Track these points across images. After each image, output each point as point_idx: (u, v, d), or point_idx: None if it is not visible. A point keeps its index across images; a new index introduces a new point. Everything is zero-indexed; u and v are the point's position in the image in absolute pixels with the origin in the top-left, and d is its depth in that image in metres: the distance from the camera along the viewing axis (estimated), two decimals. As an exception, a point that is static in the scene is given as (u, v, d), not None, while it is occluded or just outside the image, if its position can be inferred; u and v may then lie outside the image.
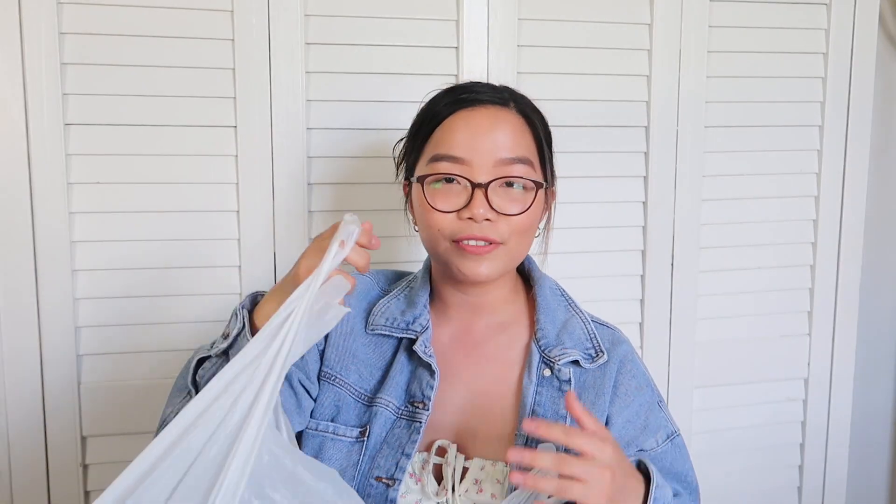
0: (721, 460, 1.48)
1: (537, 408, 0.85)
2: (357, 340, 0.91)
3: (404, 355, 0.89)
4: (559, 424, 0.73)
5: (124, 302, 1.21)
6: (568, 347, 0.88)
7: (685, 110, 1.36)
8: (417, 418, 0.85)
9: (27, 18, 1.12)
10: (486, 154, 0.82)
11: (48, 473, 1.20)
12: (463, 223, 0.82)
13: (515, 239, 0.84)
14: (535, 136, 0.87)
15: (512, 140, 0.84)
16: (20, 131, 1.13)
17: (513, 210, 0.83)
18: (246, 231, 1.23)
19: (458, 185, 0.83)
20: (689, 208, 1.39)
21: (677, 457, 0.91)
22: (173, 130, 1.19)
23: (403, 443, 0.84)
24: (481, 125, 0.83)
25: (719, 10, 1.36)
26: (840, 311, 1.50)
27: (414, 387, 0.87)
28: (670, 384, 1.42)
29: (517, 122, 0.86)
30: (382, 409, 0.86)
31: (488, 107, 0.85)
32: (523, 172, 0.83)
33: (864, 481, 1.65)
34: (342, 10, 1.22)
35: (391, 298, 0.93)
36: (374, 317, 0.91)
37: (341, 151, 1.25)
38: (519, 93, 0.91)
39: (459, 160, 0.82)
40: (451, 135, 0.84)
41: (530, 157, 0.85)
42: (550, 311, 0.92)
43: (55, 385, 1.19)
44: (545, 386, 0.87)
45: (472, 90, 0.87)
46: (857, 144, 1.45)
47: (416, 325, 0.89)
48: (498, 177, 0.82)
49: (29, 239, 1.15)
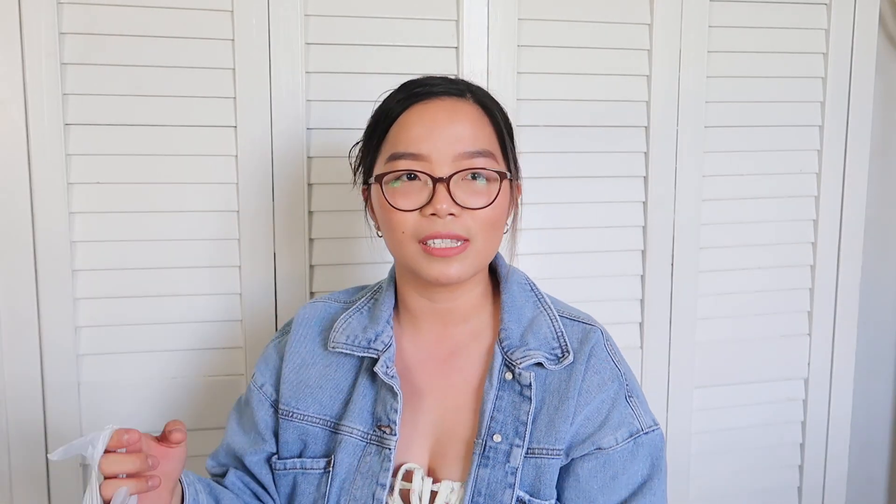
0: (721, 460, 1.48)
1: (496, 413, 0.81)
2: (313, 369, 0.87)
3: (366, 377, 0.85)
4: None
5: (124, 302, 1.21)
6: (532, 348, 0.83)
7: (685, 110, 1.36)
8: (386, 444, 0.82)
9: (27, 18, 1.12)
10: (446, 147, 0.78)
11: (48, 473, 1.20)
12: (427, 221, 0.78)
13: (483, 234, 0.80)
14: (495, 128, 0.83)
15: (471, 132, 0.80)
16: (20, 131, 1.13)
17: (478, 203, 0.79)
18: (246, 231, 1.23)
19: (419, 182, 0.79)
20: (689, 208, 1.39)
21: (632, 460, 0.83)
22: (173, 130, 1.19)
23: (376, 472, 0.81)
24: (438, 118, 0.80)
25: (719, 10, 1.36)
26: (840, 311, 1.50)
27: (379, 409, 0.83)
28: (670, 384, 1.42)
29: (475, 113, 0.82)
30: (346, 437, 0.84)
31: (444, 99, 0.81)
32: (486, 164, 0.80)
33: (864, 481, 1.65)
34: (342, 10, 1.22)
35: (353, 312, 0.88)
36: (335, 333, 0.86)
37: (341, 151, 1.25)
38: (476, 84, 0.86)
39: (418, 156, 0.79)
40: (408, 130, 0.80)
41: (491, 148, 0.81)
42: (516, 310, 0.87)
43: (55, 385, 1.19)
44: (506, 390, 0.82)
45: (426, 84, 0.83)
46: (857, 144, 1.45)
47: (377, 343, 0.84)
48: (459, 170, 0.78)
49: (29, 239, 1.15)
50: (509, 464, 0.80)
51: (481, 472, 0.80)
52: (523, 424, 0.81)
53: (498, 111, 0.85)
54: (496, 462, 0.80)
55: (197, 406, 1.25)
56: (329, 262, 1.27)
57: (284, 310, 1.25)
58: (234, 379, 1.26)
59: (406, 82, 0.85)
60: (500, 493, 0.79)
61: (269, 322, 1.25)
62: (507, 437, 0.80)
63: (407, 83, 0.85)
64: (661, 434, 0.87)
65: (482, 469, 0.80)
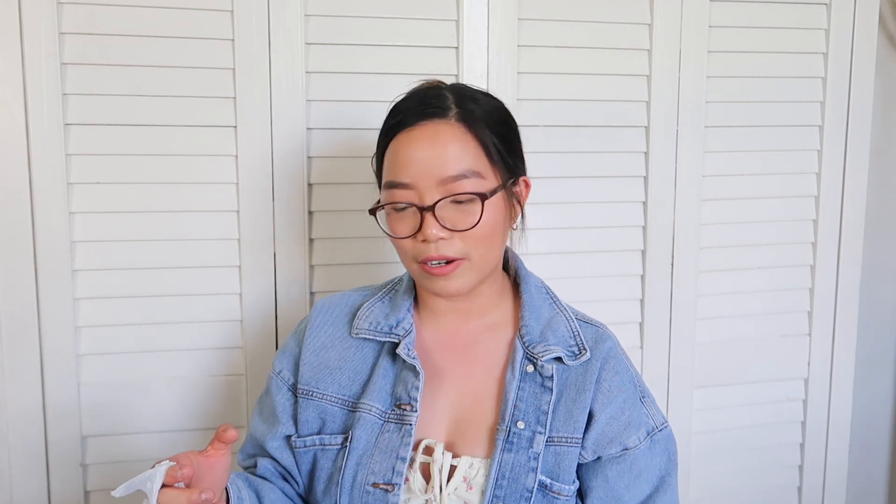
0: (721, 460, 1.48)
1: (519, 403, 0.86)
2: (332, 351, 0.92)
3: (387, 359, 0.90)
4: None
5: (124, 302, 1.21)
6: (551, 344, 0.88)
7: (685, 110, 1.36)
8: (407, 421, 0.86)
9: (27, 18, 1.12)
10: (429, 175, 0.81)
11: (48, 473, 1.20)
12: (422, 244, 0.83)
13: (478, 249, 0.84)
14: (480, 141, 0.83)
15: (452, 155, 0.81)
16: (20, 131, 1.13)
17: (466, 224, 0.82)
18: (246, 231, 1.23)
19: (411, 209, 0.83)
20: (689, 208, 1.39)
21: (651, 457, 0.90)
22: (173, 130, 1.19)
23: (396, 447, 0.85)
24: (419, 146, 0.82)
25: (719, 10, 1.36)
26: (840, 311, 1.50)
27: (399, 389, 0.88)
28: (670, 384, 1.42)
29: (456, 132, 0.83)
30: (365, 414, 0.87)
31: (425, 124, 0.83)
32: (469, 186, 0.81)
33: (864, 481, 1.65)
34: (342, 10, 1.22)
35: (375, 301, 0.94)
36: (359, 321, 0.92)
37: (341, 151, 1.25)
38: (462, 90, 0.87)
39: (406, 185, 0.82)
40: (395, 160, 0.84)
41: (476, 167, 0.82)
42: (535, 309, 0.92)
43: (55, 385, 1.19)
44: (528, 382, 0.87)
45: (405, 111, 0.85)
46: (857, 144, 1.45)
47: (399, 328, 0.89)
48: (443, 196, 0.81)
49: (29, 239, 1.15)
50: (532, 449, 0.85)
51: (506, 457, 0.84)
52: (544, 413, 0.86)
53: (488, 121, 0.85)
54: (520, 447, 0.85)
55: (197, 406, 1.25)
56: (329, 262, 1.27)
57: (284, 310, 1.25)
58: (234, 379, 1.26)
59: (393, 107, 0.87)
60: (522, 477, 0.84)
61: (269, 322, 1.25)
62: (530, 425, 0.86)
63: (393, 108, 0.87)
64: (671, 430, 0.94)
65: (506, 453, 0.84)
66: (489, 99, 0.88)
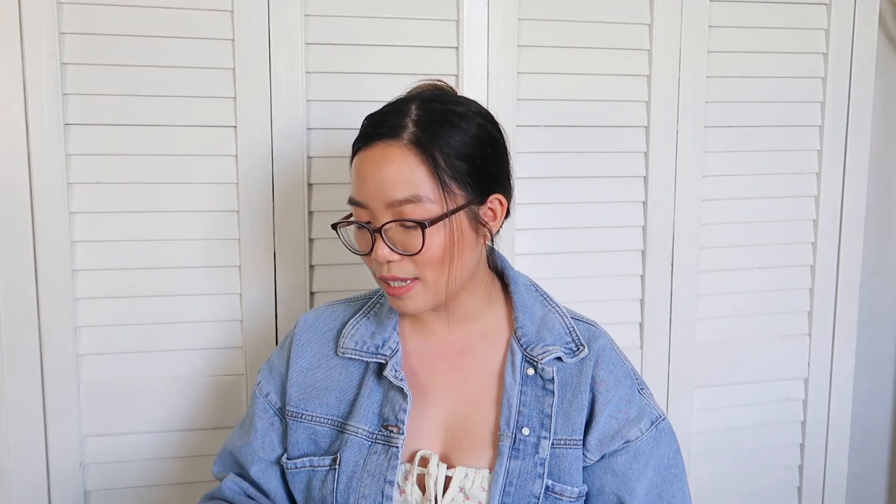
0: (721, 460, 1.48)
1: (523, 408, 0.85)
2: (319, 371, 0.91)
3: (373, 378, 0.89)
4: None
5: (124, 302, 1.21)
6: (549, 343, 0.88)
7: (685, 110, 1.36)
8: (393, 443, 0.85)
9: (27, 18, 1.12)
10: (377, 197, 0.80)
11: (48, 473, 1.20)
12: (376, 263, 0.83)
13: (430, 272, 0.82)
14: (431, 166, 0.79)
15: (398, 179, 0.79)
16: (20, 131, 1.13)
17: (413, 249, 0.80)
18: (246, 231, 1.23)
19: (366, 228, 0.83)
20: (689, 208, 1.39)
21: (657, 446, 0.90)
22: (173, 130, 1.19)
23: (384, 469, 0.84)
24: (370, 167, 0.81)
25: (719, 10, 1.36)
26: (840, 311, 1.50)
27: (387, 410, 0.87)
28: (670, 384, 1.42)
29: (405, 156, 0.79)
30: (352, 437, 0.87)
31: (378, 144, 0.81)
32: (411, 212, 0.79)
33: (864, 481, 1.65)
34: (342, 10, 1.22)
35: (360, 318, 0.93)
36: (344, 339, 0.91)
37: (341, 151, 1.25)
38: (431, 108, 0.82)
39: (362, 204, 0.82)
40: (354, 178, 0.84)
41: (420, 192, 0.79)
42: (528, 308, 0.91)
43: (55, 385, 1.19)
44: (529, 385, 0.87)
45: (366, 126, 0.84)
46: (857, 144, 1.45)
47: (385, 348, 0.89)
48: (391, 220, 0.80)
49: (29, 239, 1.15)
50: (538, 455, 0.84)
51: (512, 464, 0.84)
52: (548, 417, 0.85)
53: (449, 143, 0.80)
54: (526, 454, 0.84)
55: (197, 406, 1.25)
56: (329, 262, 1.27)
57: (284, 310, 1.25)
58: (234, 379, 1.26)
59: (365, 117, 0.86)
60: (529, 483, 0.83)
61: (269, 322, 1.25)
62: (535, 430, 0.85)
63: (364, 120, 0.86)
64: (670, 424, 0.94)
65: (513, 461, 0.84)
66: (465, 118, 0.83)
